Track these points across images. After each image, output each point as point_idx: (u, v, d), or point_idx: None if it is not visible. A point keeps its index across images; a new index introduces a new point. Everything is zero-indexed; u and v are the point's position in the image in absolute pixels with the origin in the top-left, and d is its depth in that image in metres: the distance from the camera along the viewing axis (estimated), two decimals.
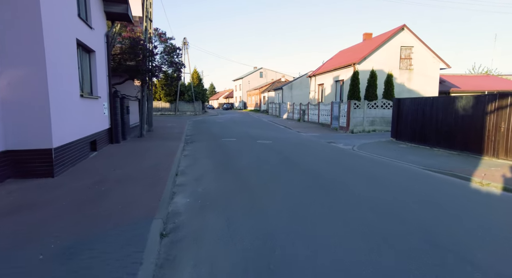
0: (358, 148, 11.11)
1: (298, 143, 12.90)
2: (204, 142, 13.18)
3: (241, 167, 7.76)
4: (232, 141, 13.14)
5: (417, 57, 19.90)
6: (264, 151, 10.44)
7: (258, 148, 11.13)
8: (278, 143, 12.53)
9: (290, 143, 12.70)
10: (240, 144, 12.17)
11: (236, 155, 9.74)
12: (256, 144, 12.13)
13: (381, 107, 17.52)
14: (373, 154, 9.82)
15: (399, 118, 12.70)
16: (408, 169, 7.65)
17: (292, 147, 11.58)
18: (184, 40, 38.79)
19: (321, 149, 11.20)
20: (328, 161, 8.77)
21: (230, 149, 10.98)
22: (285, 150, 10.62)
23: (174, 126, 20.55)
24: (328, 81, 24.50)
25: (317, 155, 9.65)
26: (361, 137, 15.16)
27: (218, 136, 15.17)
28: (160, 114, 38.98)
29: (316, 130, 18.83)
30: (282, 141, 13.32)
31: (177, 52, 16.09)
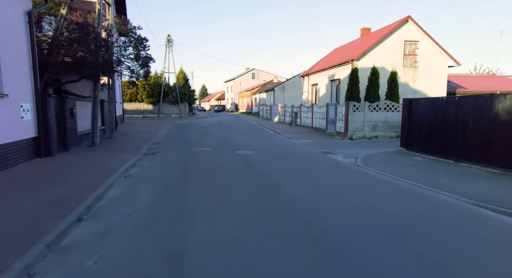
0: (363, 163, 8.62)
1: (286, 154, 10.36)
2: (169, 152, 10.56)
3: (196, 201, 5.16)
4: (205, 152, 10.55)
5: (423, 53, 17.63)
6: (240, 169, 7.86)
7: (233, 163, 8.55)
8: (261, 155, 9.97)
9: (276, 155, 10.15)
10: (213, 157, 9.58)
11: (199, 176, 7.14)
12: (233, 157, 9.55)
13: (384, 109, 15.14)
14: (386, 172, 7.31)
15: (411, 124, 10.27)
16: (459, 208, 4.98)
17: (277, 161, 9.02)
18: (168, 38, 36.15)
19: (316, 165, 8.67)
20: (328, 189, 6.22)
21: (196, 164, 8.38)
22: (267, 167, 8.05)
23: (147, 131, 17.87)
24: (323, 81, 22.12)
25: (311, 177, 7.09)
26: (362, 145, 12.71)
27: (191, 144, 12.56)
28: (142, 117, 36.19)
29: (309, 136, 16.34)
30: (267, 152, 10.77)
31: (143, 44, 13.45)
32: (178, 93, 36.66)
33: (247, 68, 70.95)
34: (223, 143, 13.06)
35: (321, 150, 11.46)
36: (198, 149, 11.10)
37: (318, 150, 11.36)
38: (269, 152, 10.77)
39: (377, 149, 11.36)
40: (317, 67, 23.52)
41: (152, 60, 14.31)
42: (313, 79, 24.20)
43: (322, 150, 11.46)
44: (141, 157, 9.48)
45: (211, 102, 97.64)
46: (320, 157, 9.83)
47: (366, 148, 11.92)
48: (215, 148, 11.59)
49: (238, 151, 10.64)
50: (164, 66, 35.98)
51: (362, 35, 23.23)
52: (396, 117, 15.16)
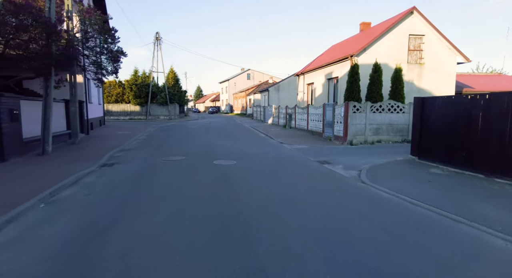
0: (369, 177, 6.83)
1: (274, 166, 8.54)
2: (132, 163, 8.71)
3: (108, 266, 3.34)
4: (175, 162, 8.72)
5: (429, 49, 15.95)
6: (206, 192, 6.03)
7: (202, 181, 6.73)
8: (243, 167, 8.16)
9: (261, 166, 8.33)
10: (181, 171, 7.75)
11: (145, 205, 5.31)
12: (207, 170, 7.73)
13: (388, 110, 13.41)
14: (402, 194, 5.52)
15: (425, 128, 8.51)
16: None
17: (260, 178, 7.20)
18: (156, 35, 34.27)
19: (310, 182, 6.86)
20: (329, 234, 4.41)
21: (152, 183, 6.54)
22: (245, 188, 6.23)
23: (124, 135, 15.98)
24: (319, 80, 20.38)
25: (304, 208, 5.26)
26: (364, 152, 10.94)
27: (165, 152, 10.72)
28: (129, 119, 34.26)
29: (304, 140, 14.56)
30: (251, 162, 8.96)
31: (111, 35, 11.58)
32: (167, 94, 34.77)
33: (242, 69, 69.31)
34: (203, 150, 11.24)
35: (317, 158, 9.67)
36: (169, 158, 9.26)
37: (313, 159, 9.56)
38: (254, 162, 8.96)
39: (382, 157, 9.60)
40: (313, 65, 21.79)
41: (124, 55, 12.46)
42: (308, 78, 22.46)
43: (318, 158, 9.67)
44: (93, 170, 7.64)
45: (206, 103, 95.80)
46: (315, 169, 8.02)
47: (369, 155, 10.16)
48: (191, 156, 9.76)
49: (216, 161, 8.81)
50: (152, 65, 34.20)
51: (362, 30, 21.54)
52: (402, 119, 13.45)
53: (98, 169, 7.82)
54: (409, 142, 13.49)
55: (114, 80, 34.65)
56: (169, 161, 8.84)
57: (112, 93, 34.44)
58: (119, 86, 34.71)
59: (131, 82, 33.89)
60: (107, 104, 33.96)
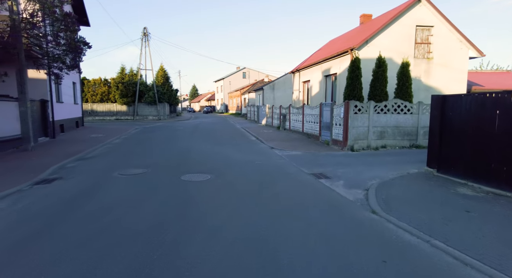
0: (380, 202, 5.07)
1: (257, 182, 6.75)
2: (81, 176, 6.93)
3: None
4: (133, 178, 6.94)
5: (439, 42, 14.25)
6: (154, 231, 4.26)
7: (157, 207, 4.96)
8: (218, 184, 6.39)
9: (241, 183, 6.55)
10: (136, 189, 5.97)
11: (52, 254, 3.52)
12: (169, 190, 5.95)
13: (394, 111, 11.69)
14: (435, 236, 3.76)
15: (446, 133, 6.78)
16: None
17: (236, 202, 5.43)
18: (144, 31, 32.35)
19: (301, 211, 5.08)
20: None
21: (89, 208, 4.76)
22: (208, 223, 4.46)
23: (96, 138, 14.15)
24: (316, 77, 18.64)
25: (289, 266, 3.49)
26: (369, 161, 9.21)
27: (130, 161, 8.93)
28: (115, 119, 32.37)
29: (298, 145, 12.81)
30: (230, 175, 7.19)
31: (68, 22, 9.73)
32: (156, 93, 32.88)
33: (238, 67, 67.47)
34: (178, 158, 9.46)
35: (312, 169, 7.92)
36: (127, 172, 7.46)
37: (307, 170, 7.81)
38: (233, 176, 7.18)
39: (391, 169, 7.87)
40: (309, 61, 20.04)
41: (87, 46, 10.62)
42: (304, 76, 20.71)
43: (313, 169, 7.92)
44: (21, 189, 5.87)
45: (201, 103, 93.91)
46: (310, 188, 6.26)
47: (374, 165, 8.42)
48: (158, 167, 7.98)
49: (186, 176, 7.02)
50: (140, 62, 32.24)
51: (362, 23, 19.81)
52: (410, 121, 11.74)
53: (28, 188, 6.02)
54: (418, 148, 11.81)
55: (99, 78, 32.70)
56: (124, 176, 7.04)
57: (97, 92, 32.49)
58: (104, 84, 32.77)
59: (118, 80, 31.97)
60: (92, 104, 32.03)
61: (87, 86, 32.31)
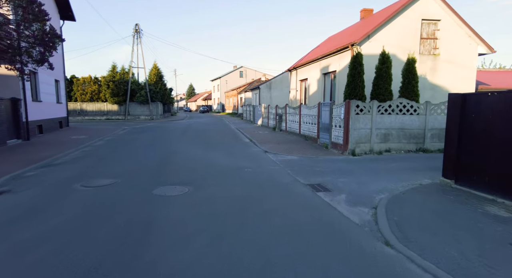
0: (394, 228, 4.02)
1: (244, 196, 5.68)
2: (37, 189, 5.87)
3: None
4: (96, 190, 5.86)
5: (446, 37, 13.23)
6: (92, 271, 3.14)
7: (100, 240, 3.88)
8: (196, 200, 5.32)
9: (224, 198, 5.47)
10: (89, 208, 4.90)
11: None
12: (134, 208, 4.88)
13: (399, 111, 10.66)
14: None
15: (467, 137, 5.74)
16: None
17: (215, 227, 4.38)
18: (136, 28, 31.16)
19: (294, 244, 4.04)
20: None
21: (21, 237, 3.67)
22: (167, 265, 3.37)
23: (75, 140, 13.03)
24: (314, 75, 17.59)
25: None
26: (372, 167, 8.17)
27: (101, 169, 7.84)
28: (106, 119, 31.18)
29: (294, 148, 11.76)
30: (213, 187, 6.12)
31: (34, 9, 8.58)
32: (148, 92, 31.71)
33: (235, 66, 66.38)
34: (157, 164, 8.38)
35: (309, 179, 6.87)
36: (92, 183, 6.37)
37: (303, 180, 6.76)
38: (216, 188, 6.11)
39: (400, 178, 6.84)
40: (307, 58, 18.99)
41: (59, 38, 9.50)
42: (301, 74, 19.66)
43: (311, 179, 6.87)
44: None
45: (198, 102, 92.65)
46: (305, 206, 5.19)
47: (380, 173, 7.38)
48: (130, 177, 6.89)
49: (159, 189, 5.94)
50: (132, 60, 31.04)
51: (363, 18, 18.77)
52: (416, 122, 10.73)
53: None
54: (426, 152, 10.79)
55: (89, 76, 31.48)
56: (87, 189, 5.95)
57: (87, 91, 31.27)
58: (94, 83, 31.55)
59: (108, 78, 30.76)
60: (81, 103, 30.82)
61: (76, 84, 31.09)
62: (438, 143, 10.84)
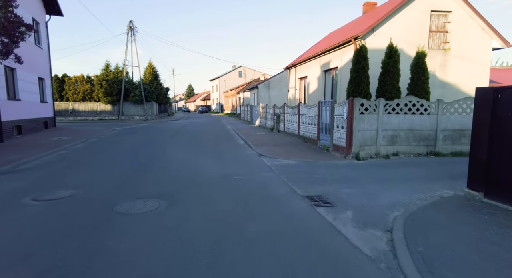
0: (423, 270, 2.97)
1: (231, 207, 4.62)
2: None
3: None
4: (45, 205, 4.81)
5: (457, 30, 12.18)
6: None
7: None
8: (166, 218, 4.26)
9: (202, 214, 4.41)
10: (29, 231, 3.83)
11: None
12: (79, 235, 3.81)
13: (408, 111, 9.61)
14: None
15: (501, 142, 4.69)
16: None
17: (184, 258, 3.29)
18: (130, 25, 30.14)
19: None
20: None
21: None
22: None
23: (55, 142, 12.00)
24: (314, 72, 16.55)
25: None
26: (381, 174, 7.12)
27: (65, 178, 6.82)
28: (99, 119, 30.15)
29: (292, 151, 10.71)
30: (192, 200, 5.06)
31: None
32: (143, 91, 30.67)
33: (234, 66, 65.40)
34: (134, 171, 7.33)
35: (307, 189, 5.82)
36: (48, 196, 5.33)
37: (300, 191, 5.71)
38: (194, 203, 5.05)
39: (415, 188, 5.79)
40: (307, 55, 17.95)
41: (27, 28, 8.46)
42: (301, 71, 18.61)
43: (309, 189, 5.82)
44: None
45: (196, 102, 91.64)
46: (303, 228, 4.14)
47: (390, 182, 6.33)
48: (96, 187, 5.85)
49: (124, 205, 4.89)
50: (126, 58, 30.00)
51: (366, 12, 17.73)
52: (427, 123, 9.68)
53: None
54: (438, 155, 9.72)
55: (81, 75, 30.44)
56: (37, 203, 4.90)
57: (79, 90, 30.24)
58: (87, 82, 30.51)
59: (102, 77, 29.72)
60: (73, 103, 29.80)
61: (67, 83, 30.06)
62: (451, 145, 9.80)
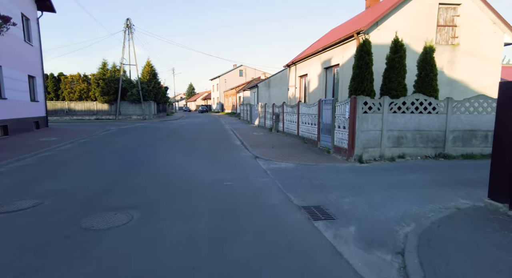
0: None
1: (215, 219, 3.95)
2: None
3: None
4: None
5: (467, 24, 11.46)
6: None
7: None
8: (137, 235, 3.58)
9: (179, 230, 3.74)
10: None
11: None
12: (23, 260, 3.14)
13: (415, 110, 8.92)
14: None
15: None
16: None
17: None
18: (127, 23, 29.53)
19: None
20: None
21: None
22: None
23: (41, 143, 11.41)
24: (314, 70, 15.86)
25: None
26: (386, 181, 6.43)
27: (36, 185, 6.21)
28: (96, 119, 29.60)
29: (290, 152, 10.04)
30: (171, 211, 4.41)
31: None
32: (141, 90, 30.07)
33: (235, 65, 64.81)
34: (115, 175, 6.70)
35: (304, 198, 5.15)
36: (7, 207, 4.70)
37: (296, 200, 5.05)
38: (173, 215, 4.39)
39: (426, 197, 5.12)
40: (308, 52, 17.25)
41: (5, 22, 7.84)
42: (301, 69, 17.93)
43: (307, 198, 5.16)
44: None
45: (197, 102, 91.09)
46: (295, 248, 3.48)
47: (397, 189, 5.65)
48: (66, 196, 5.22)
49: (90, 218, 4.25)
50: (123, 57, 29.43)
51: (369, 7, 16.99)
52: (435, 123, 8.98)
53: None
54: (447, 158, 9.01)
55: (78, 74, 29.88)
56: None
57: (75, 89, 29.68)
58: (83, 81, 29.96)
59: (98, 76, 29.14)
60: (69, 102, 29.25)
61: (64, 82, 29.50)
62: (462, 147, 9.09)
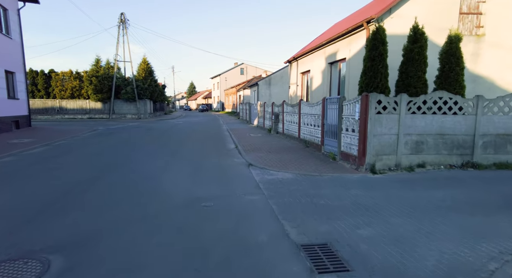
0: None
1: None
2: None
3: None
4: None
5: (494, 11, 10.00)
6: None
7: None
8: None
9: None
10: None
11: None
12: None
13: (438, 109, 7.49)
14: None
15: None
16: None
17: None
18: (121, 17, 28.21)
19: None
20: None
21: None
22: None
23: (11, 145, 10.09)
24: (318, 65, 14.44)
25: None
26: (408, 199, 5.02)
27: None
28: (88, 118, 28.34)
29: (289, 159, 8.65)
30: (103, 264, 3.02)
31: None
32: (135, 88, 28.76)
33: (236, 63, 63.45)
34: (65, 192, 5.36)
35: (305, 228, 3.77)
36: None
37: (294, 233, 3.67)
38: (108, 268, 3.04)
39: (470, 228, 3.73)
40: (310, 46, 15.83)
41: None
42: (303, 65, 16.51)
43: (308, 228, 3.77)
44: None
45: (198, 100, 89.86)
46: None
47: (427, 213, 4.24)
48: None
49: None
50: (117, 53, 28.16)
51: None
52: (461, 125, 7.55)
53: None
54: (478, 168, 7.49)
55: (70, 71, 28.60)
56: None
57: (67, 86, 28.42)
58: (75, 78, 28.68)
59: (91, 73, 27.86)
60: (60, 100, 28.03)
61: (54, 79, 28.26)
62: (494, 154, 7.65)
